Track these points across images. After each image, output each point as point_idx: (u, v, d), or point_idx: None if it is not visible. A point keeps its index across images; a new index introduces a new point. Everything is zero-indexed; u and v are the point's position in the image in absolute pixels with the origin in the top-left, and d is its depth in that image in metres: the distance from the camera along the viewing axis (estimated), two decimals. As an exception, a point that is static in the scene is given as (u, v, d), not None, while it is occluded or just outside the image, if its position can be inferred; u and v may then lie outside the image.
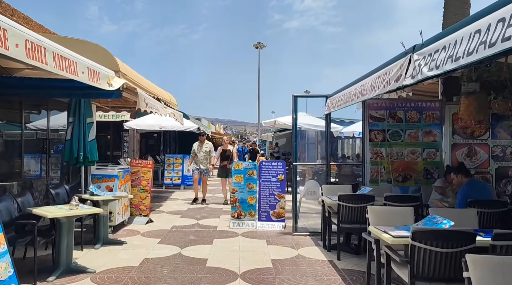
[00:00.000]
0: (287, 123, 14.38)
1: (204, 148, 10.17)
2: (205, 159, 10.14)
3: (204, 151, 10.15)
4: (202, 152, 10.11)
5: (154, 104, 8.03)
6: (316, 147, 17.11)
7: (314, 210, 9.25)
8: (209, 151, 10.22)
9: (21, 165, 7.32)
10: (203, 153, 10.11)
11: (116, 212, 6.63)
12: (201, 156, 10.09)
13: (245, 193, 7.43)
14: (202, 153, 10.10)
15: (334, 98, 6.14)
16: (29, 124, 7.89)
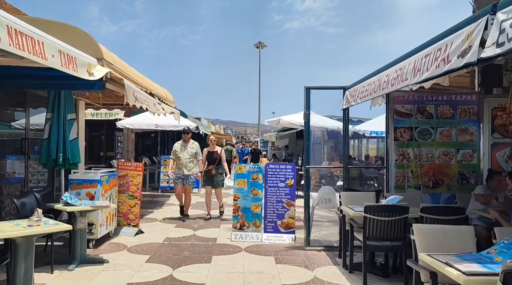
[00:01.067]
0: (292, 122, 13.41)
1: (189, 149, 8.00)
2: (191, 163, 7.98)
3: (189, 152, 7.98)
4: (187, 153, 7.97)
5: (145, 100, 7.07)
6: (322, 148, 16.14)
7: (326, 218, 8.29)
8: (195, 153, 8.03)
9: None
10: (188, 155, 7.97)
11: (99, 223, 5.66)
12: (185, 158, 7.95)
13: (249, 200, 6.46)
14: (186, 155, 7.98)
15: (356, 90, 5.17)
16: (5, 123, 6.93)
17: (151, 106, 7.54)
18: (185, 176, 7.93)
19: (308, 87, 5.88)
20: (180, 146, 8.07)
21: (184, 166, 7.93)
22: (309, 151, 5.96)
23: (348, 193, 5.50)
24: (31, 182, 7.11)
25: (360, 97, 4.89)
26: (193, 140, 8.24)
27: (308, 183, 5.89)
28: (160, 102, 8.86)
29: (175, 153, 8.03)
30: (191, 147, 8.08)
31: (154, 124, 12.58)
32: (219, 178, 8.19)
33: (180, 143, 8.17)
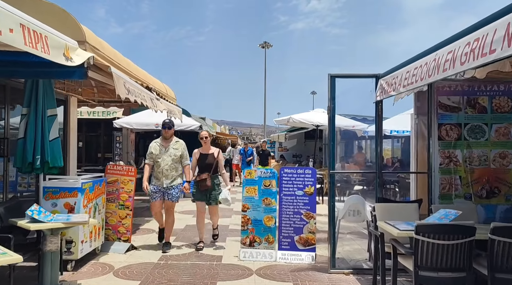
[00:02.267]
0: (303, 121, 12.38)
1: (172, 150, 5.75)
2: (173, 170, 5.74)
3: (172, 155, 5.72)
4: (169, 157, 5.70)
5: (140, 93, 6.08)
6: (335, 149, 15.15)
7: (347, 229, 7.23)
8: (180, 156, 5.78)
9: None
10: (169, 159, 5.70)
11: (80, 240, 4.67)
12: (166, 164, 5.68)
13: (261, 211, 5.43)
14: (167, 158, 5.70)
15: (396, 76, 4.12)
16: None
17: (148, 101, 6.56)
18: (166, 189, 5.70)
19: (332, 76, 4.84)
20: (159, 146, 5.80)
21: (165, 175, 5.67)
22: (334, 153, 4.92)
23: (384, 205, 4.46)
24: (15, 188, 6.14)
25: (404, 85, 3.84)
26: (178, 139, 5.97)
27: (333, 191, 4.86)
28: (158, 98, 7.89)
29: (151, 156, 5.78)
30: (175, 147, 5.79)
31: (154, 123, 11.60)
32: (216, 191, 5.84)
33: (158, 142, 5.87)
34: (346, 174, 12.27)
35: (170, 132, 5.90)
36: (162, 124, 5.95)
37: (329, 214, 4.89)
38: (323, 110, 13.33)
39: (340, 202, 5.40)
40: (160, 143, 5.89)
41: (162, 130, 5.93)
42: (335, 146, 4.92)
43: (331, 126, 4.86)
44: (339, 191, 11.42)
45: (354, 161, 13.87)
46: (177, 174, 5.80)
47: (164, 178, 5.70)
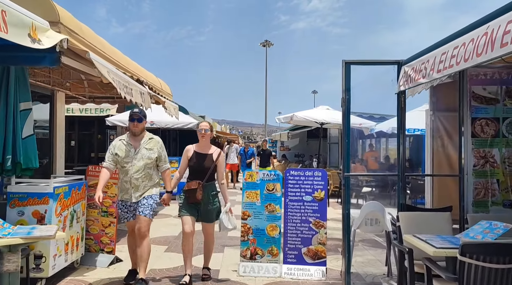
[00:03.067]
0: (307, 118, 11.66)
1: (144, 151, 4.24)
2: (146, 179, 4.23)
3: (145, 158, 4.23)
4: (140, 160, 4.21)
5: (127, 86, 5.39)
6: (340, 148, 14.37)
7: (359, 235, 6.53)
8: (156, 158, 4.30)
9: None
10: (141, 162, 4.20)
11: (51, 254, 3.98)
12: (136, 171, 4.19)
13: (263, 219, 4.74)
14: (138, 162, 4.20)
15: (424, 61, 3.42)
16: None
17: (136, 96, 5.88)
18: (136, 205, 4.18)
19: (347, 62, 4.14)
20: (126, 146, 4.24)
21: (134, 186, 4.15)
22: (349, 153, 4.21)
23: (410, 214, 3.77)
24: None
25: (439, 70, 3.13)
26: (152, 135, 4.43)
27: (347, 197, 4.16)
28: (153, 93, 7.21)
29: (115, 159, 4.24)
30: (148, 147, 4.26)
31: (149, 121, 10.91)
32: (212, 205, 4.37)
33: (125, 140, 4.32)
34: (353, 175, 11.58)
35: (141, 127, 4.28)
36: (130, 116, 4.33)
37: (343, 223, 4.18)
38: (327, 107, 12.63)
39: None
40: (127, 141, 4.27)
41: (130, 124, 4.30)
42: (350, 144, 4.21)
43: (345, 121, 4.15)
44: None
45: (360, 160, 13.16)
46: (151, 184, 4.25)
47: (133, 189, 4.14)
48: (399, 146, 4.19)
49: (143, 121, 4.38)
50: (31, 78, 6.44)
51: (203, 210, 4.36)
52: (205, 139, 4.46)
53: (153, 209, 4.28)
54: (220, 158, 4.46)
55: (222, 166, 4.54)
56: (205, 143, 4.49)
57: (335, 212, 9.04)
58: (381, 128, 11.45)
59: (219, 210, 4.43)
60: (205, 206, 4.35)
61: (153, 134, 4.48)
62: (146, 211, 4.17)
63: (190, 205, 4.32)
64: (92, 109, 12.33)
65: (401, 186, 4.10)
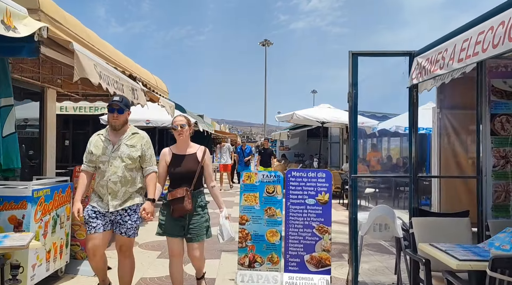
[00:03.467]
0: (308, 117, 11.31)
1: (125, 149, 3.48)
2: (128, 183, 3.48)
3: (125, 156, 3.46)
4: (119, 159, 3.45)
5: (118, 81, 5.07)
6: (341, 148, 14.05)
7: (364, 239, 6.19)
8: (139, 157, 3.50)
9: None
10: (119, 162, 3.44)
11: (29, 263, 3.62)
12: (114, 172, 3.43)
13: (262, 223, 4.39)
14: (117, 162, 3.44)
15: (444, 50, 3.07)
16: None
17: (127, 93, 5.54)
18: (115, 215, 3.45)
19: (355, 53, 3.79)
20: (104, 142, 3.50)
21: (111, 191, 3.41)
22: (356, 153, 3.85)
23: (425, 220, 3.42)
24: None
25: (461, 59, 2.78)
26: (136, 129, 3.67)
27: (355, 200, 3.81)
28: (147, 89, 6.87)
29: (91, 159, 3.52)
30: (130, 143, 3.50)
31: (144, 119, 10.58)
32: (200, 217, 3.59)
33: (103, 135, 3.57)
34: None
35: (122, 119, 3.46)
36: (108, 106, 3.49)
37: (350, 229, 3.84)
38: (328, 106, 12.29)
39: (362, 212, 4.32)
40: (105, 136, 3.52)
41: (109, 116, 3.47)
42: (357, 143, 3.86)
43: (352, 118, 3.80)
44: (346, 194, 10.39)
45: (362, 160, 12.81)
46: (133, 190, 3.47)
47: (111, 196, 3.39)
48: (411, 145, 3.84)
49: (126, 112, 3.52)
50: (18, 74, 6.09)
51: (190, 225, 3.51)
52: (182, 137, 3.61)
53: (137, 224, 3.53)
54: (206, 157, 3.66)
55: (210, 166, 3.75)
56: (183, 142, 3.64)
57: (338, 214, 8.69)
58: (384, 127, 11.10)
59: (209, 224, 3.68)
60: (192, 219, 3.52)
61: (138, 129, 3.70)
62: (130, 231, 3.47)
63: (174, 221, 3.48)
64: (87, 108, 11.96)
65: (414, 189, 3.75)
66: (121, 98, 3.57)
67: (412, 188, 3.75)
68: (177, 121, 3.64)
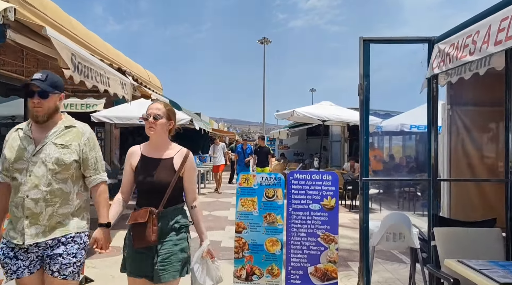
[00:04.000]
0: (308, 115, 10.84)
1: (51, 147, 2.37)
2: (57, 200, 2.35)
3: (50, 160, 2.34)
4: (41, 164, 2.33)
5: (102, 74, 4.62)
6: (342, 147, 13.61)
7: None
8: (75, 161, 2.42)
9: None
10: (42, 168, 2.33)
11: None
12: (33, 184, 2.30)
13: (261, 231, 3.93)
14: (38, 168, 2.32)
15: (472, 33, 2.62)
16: None
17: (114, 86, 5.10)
18: (42, 249, 2.34)
19: (366, 40, 3.33)
20: (23, 140, 2.40)
21: (29, 213, 2.30)
22: (367, 153, 3.39)
23: (448, 230, 2.97)
24: None
25: (499, 41, 2.32)
26: (74, 121, 2.59)
27: (366, 206, 3.36)
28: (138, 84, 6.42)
29: (5, 164, 2.39)
30: (58, 141, 2.41)
31: (137, 117, 10.10)
32: (173, 246, 2.56)
33: (22, 130, 2.45)
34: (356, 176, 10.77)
35: (47, 106, 2.37)
36: (25, 87, 2.36)
37: (361, 238, 3.39)
38: (330, 103, 11.83)
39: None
40: (25, 132, 2.43)
41: (29, 103, 2.40)
42: (368, 142, 3.40)
43: (363, 114, 3.34)
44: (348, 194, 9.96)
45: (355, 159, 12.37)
46: (67, 211, 2.40)
47: (29, 221, 2.30)
48: (430, 144, 3.38)
49: (53, 95, 2.38)
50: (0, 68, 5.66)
51: (158, 257, 2.48)
52: (154, 133, 2.56)
53: (80, 262, 2.41)
54: (188, 164, 2.59)
55: (193, 177, 2.68)
56: (157, 140, 2.60)
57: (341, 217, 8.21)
58: (388, 125, 10.66)
59: (188, 256, 2.62)
60: (162, 248, 2.50)
61: (76, 121, 2.59)
62: (68, 271, 2.33)
63: (139, 253, 2.50)
64: (78, 105, 11.51)
65: (433, 193, 3.30)
66: (44, 75, 2.36)
67: (432, 192, 3.30)
68: (150, 109, 2.59)
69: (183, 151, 2.66)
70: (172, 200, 2.57)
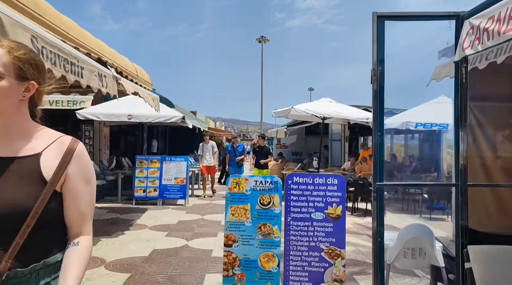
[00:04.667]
0: (308, 112, 10.24)
1: None
2: None
3: None
4: None
5: (72, 61, 4.04)
6: (342, 146, 13.04)
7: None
8: None
9: None
10: None
11: None
12: None
13: (255, 245, 3.35)
14: None
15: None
16: None
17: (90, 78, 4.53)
18: None
19: (380, 16, 2.74)
20: None
21: None
22: (382, 153, 2.81)
23: (490, 249, 2.39)
24: None
25: None
26: None
27: (380, 215, 2.78)
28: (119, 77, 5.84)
29: None
30: None
31: (126, 114, 9.51)
32: None
33: None
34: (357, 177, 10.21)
35: None
36: None
37: (374, 254, 2.80)
38: (329, 100, 11.24)
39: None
40: None
41: None
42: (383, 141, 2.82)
43: (377, 106, 2.75)
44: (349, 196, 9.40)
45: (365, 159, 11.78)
46: None
47: None
48: (458, 143, 2.80)
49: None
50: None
51: None
52: None
53: None
54: (74, 166, 1.27)
55: (87, 193, 1.30)
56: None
57: (343, 221, 7.64)
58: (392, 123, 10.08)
59: None
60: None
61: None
62: None
63: None
64: (64, 102, 10.87)
65: (462, 201, 2.72)
66: None
67: (460, 200, 2.72)
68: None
69: (64, 141, 1.31)
70: (38, 244, 1.20)
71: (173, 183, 9.45)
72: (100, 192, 10.20)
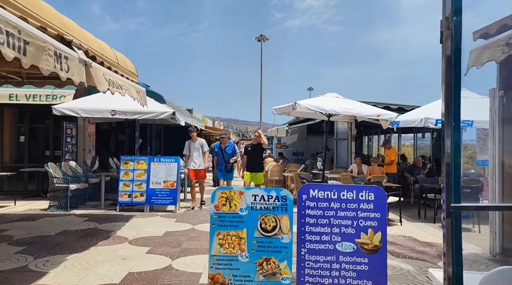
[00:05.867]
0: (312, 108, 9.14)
1: None
2: None
3: None
4: None
5: (15, 33, 2.95)
6: (349, 145, 11.97)
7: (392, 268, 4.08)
8: None
9: None
10: None
11: None
12: None
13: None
14: None
15: None
16: None
17: (45, 59, 3.49)
18: None
19: None
20: None
21: None
22: (458, 158, 1.76)
23: None
24: None
25: None
26: None
27: (458, 252, 1.74)
28: (89, 61, 4.80)
29: None
30: None
31: (109, 110, 8.43)
32: None
33: None
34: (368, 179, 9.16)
35: None
36: None
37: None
38: (336, 95, 10.19)
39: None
40: None
41: None
42: (461, 137, 1.78)
43: (451, 80, 1.70)
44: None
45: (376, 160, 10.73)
46: None
47: None
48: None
49: None
50: None
51: None
52: None
53: None
54: None
55: None
56: None
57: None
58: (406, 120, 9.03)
59: None
60: None
61: None
62: None
63: None
64: (42, 96, 9.80)
65: None
66: None
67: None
68: None
69: None
70: None
71: (162, 186, 8.39)
72: (82, 196, 9.13)
